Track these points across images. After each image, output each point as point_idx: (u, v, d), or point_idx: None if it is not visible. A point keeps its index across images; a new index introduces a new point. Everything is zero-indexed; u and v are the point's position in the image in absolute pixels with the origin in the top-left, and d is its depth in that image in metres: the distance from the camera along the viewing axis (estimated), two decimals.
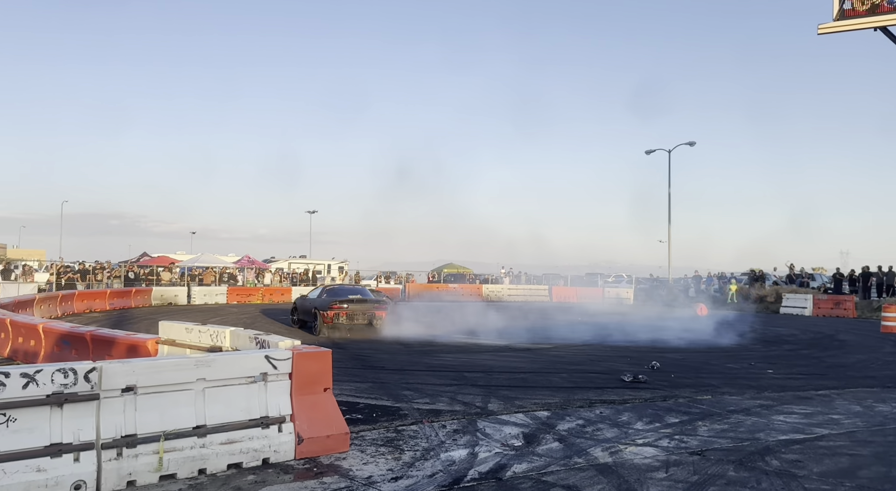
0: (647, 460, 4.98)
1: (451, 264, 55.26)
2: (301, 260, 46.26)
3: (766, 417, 6.60)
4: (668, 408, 7.07)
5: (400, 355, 11.63)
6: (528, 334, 16.06)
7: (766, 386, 8.71)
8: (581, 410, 6.85)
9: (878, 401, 7.66)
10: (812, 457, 5.11)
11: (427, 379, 8.88)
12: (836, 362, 11.75)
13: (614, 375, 9.40)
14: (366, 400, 7.17)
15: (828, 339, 16.22)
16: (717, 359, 11.96)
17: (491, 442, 5.48)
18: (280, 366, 4.89)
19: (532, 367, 10.52)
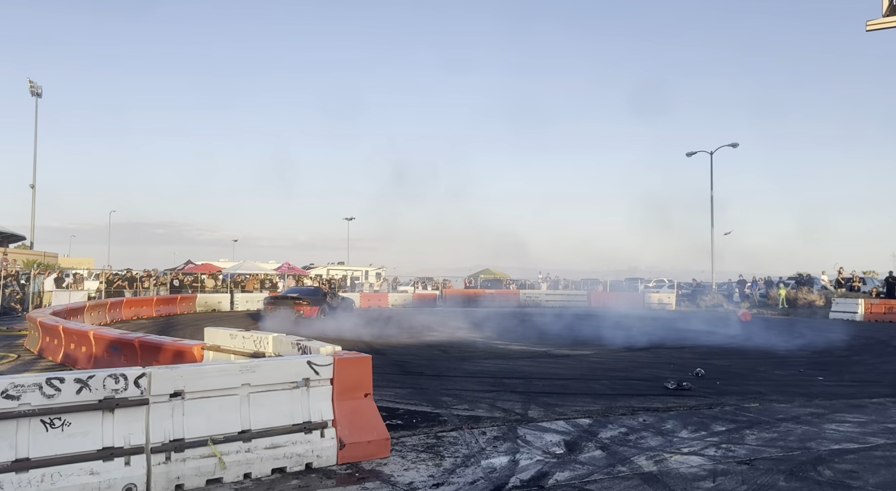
0: (694, 469, 4.87)
1: (487, 270, 55.15)
2: (339, 266, 46.80)
3: (817, 426, 6.38)
4: (714, 416, 6.90)
5: (439, 361, 11.64)
6: (567, 340, 15.89)
7: (816, 394, 8.42)
8: (623, 418, 6.74)
9: None
10: (867, 467, 4.91)
11: (466, 385, 8.86)
12: (890, 369, 11.29)
13: (657, 382, 9.22)
14: (405, 406, 7.20)
15: (881, 344, 15.61)
16: (763, 365, 11.63)
17: (532, 449, 5.43)
18: (322, 371, 4.94)
19: (572, 373, 10.40)
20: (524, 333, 17.98)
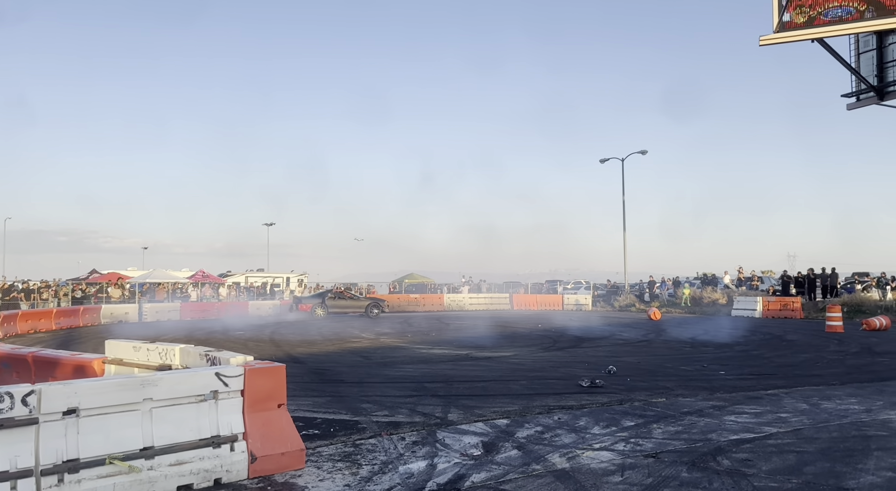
0: (604, 464, 5.04)
1: (412, 275, 55.13)
2: (258, 273, 45.42)
3: (718, 418, 6.76)
4: (625, 411, 7.18)
5: (359, 368, 11.51)
6: (489, 342, 16.11)
7: (718, 387, 8.93)
8: (540, 417, 6.89)
9: (824, 398, 7.93)
10: (761, 455, 5.25)
11: (387, 391, 8.80)
12: (785, 362, 12.14)
13: (572, 380, 9.49)
14: (323, 415, 7.06)
15: (776, 339, 16.76)
16: (671, 362, 12.21)
17: (450, 452, 5.45)
18: (231, 383, 4.77)
19: (492, 375, 10.54)
20: (447, 336, 18.10)
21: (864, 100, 19.92)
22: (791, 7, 15.04)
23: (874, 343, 15.20)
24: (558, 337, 17.68)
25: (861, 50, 19.46)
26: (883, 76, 19.18)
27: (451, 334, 18.86)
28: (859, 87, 19.98)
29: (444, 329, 20.95)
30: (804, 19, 15.13)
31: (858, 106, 20.14)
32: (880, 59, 19.18)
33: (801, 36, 14.99)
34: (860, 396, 8.08)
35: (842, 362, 11.90)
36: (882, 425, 6.34)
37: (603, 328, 21.05)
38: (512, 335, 18.52)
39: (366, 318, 26.44)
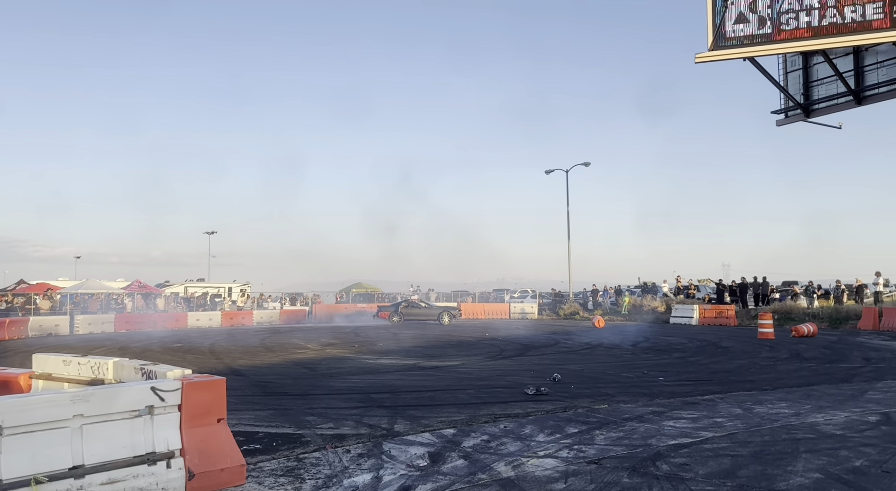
0: (548, 472, 5.10)
1: (359, 284, 54.62)
2: (198, 284, 44.10)
3: (657, 423, 6.94)
4: (569, 418, 7.29)
5: (304, 380, 11.30)
6: (436, 351, 16.11)
7: (657, 393, 9.18)
8: (486, 426, 6.92)
9: (756, 403, 8.27)
10: (698, 460, 5.42)
11: (332, 403, 8.67)
12: (720, 368, 12.60)
13: (518, 388, 9.58)
14: (266, 429, 6.89)
15: (712, 346, 17.39)
16: (613, 369, 12.49)
17: (396, 464, 5.41)
18: (168, 397, 4.60)
19: (439, 384, 10.53)
20: (395, 346, 17.99)
21: (792, 117, 21.03)
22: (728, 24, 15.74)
23: (802, 349, 15.96)
24: (505, 345, 17.83)
25: (789, 69, 20.57)
26: (809, 95, 20.31)
27: (398, 344, 18.76)
28: (787, 105, 21.08)
29: (392, 339, 20.83)
30: (737, 38, 15.87)
31: (787, 122, 21.25)
32: (806, 78, 20.32)
33: (733, 54, 15.72)
34: (790, 400, 8.46)
35: (773, 368, 12.43)
36: (810, 428, 6.65)
37: (548, 336, 21.37)
38: (459, 344, 18.58)
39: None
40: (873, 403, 8.11)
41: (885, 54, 18.62)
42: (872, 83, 19.26)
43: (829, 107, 20.26)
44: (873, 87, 19.25)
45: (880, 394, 8.93)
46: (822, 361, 13.42)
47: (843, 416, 7.28)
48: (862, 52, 19.13)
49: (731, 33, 15.62)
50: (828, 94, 20.18)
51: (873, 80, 19.09)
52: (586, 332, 23.70)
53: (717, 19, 15.66)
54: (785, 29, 15.36)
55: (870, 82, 19.19)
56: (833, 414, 7.39)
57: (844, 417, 7.23)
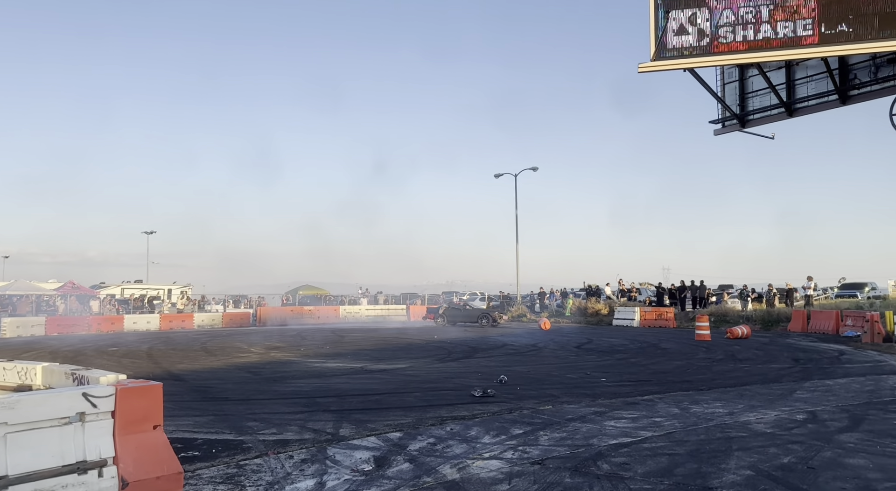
0: (493, 473, 5.14)
1: (307, 286, 53.82)
2: (136, 285, 42.53)
3: (599, 424, 7.10)
4: (514, 420, 7.37)
5: (247, 384, 11.04)
6: (384, 354, 16.02)
7: (599, 394, 9.38)
8: (433, 428, 6.92)
9: (693, 403, 8.56)
10: (637, 459, 5.56)
11: (276, 408, 8.49)
12: (659, 369, 12.98)
13: (465, 390, 9.62)
14: (205, 435, 6.69)
15: (652, 347, 17.91)
16: (558, 370, 12.70)
17: (340, 469, 5.35)
18: (100, 404, 4.41)
19: (386, 387, 10.47)
20: (342, 349, 17.80)
21: (729, 126, 21.92)
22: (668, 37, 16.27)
23: (737, 350, 16.61)
24: (453, 348, 17.89)
25: (726, 81, 21.45)
26: (744, 105, 21.22)
27: (346, 347, 18.57)
28: (725, 115, 21.97)
29: (339, 342, 20.60)
30: (678, 49, 16.44)
31: (724, 132, 22.13)
32: (742, 90, 21.23)
33: (673, 65, 16.26)
34: (724, 400, 8.79)
35: (709, 369, 12.89)
36: (742, 427, 6.93)
37: (496, 339, 21.55)
38: (408, 347, 18.52)
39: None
40: (801, 402, 8.52)
41: (814, 69, 19.64)
42: (802, 96, 20.28)
43: (762, 118, 21.22)
44: (803, 99, 20.26)
45: (807, 393, 9.38)
46: (755, 361, 14.00)
47: (773, 415, 7.61)
48: (793, 66, 20.13)
49: (672, 45, 16.16)
50: (762, 106, 21.14)
51: (803, 93, 20.10)
52: (533, 334, 24.02)
53: (659, 31, 16.17)
54: (722, 42, 16.00)
55: (800, 95, 20.19)
56: (764, 413, 7.72)
57: (774, 415, 7.56)
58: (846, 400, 8.67)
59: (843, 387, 9.95)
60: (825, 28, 15.58)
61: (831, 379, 10.87)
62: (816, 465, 5.28)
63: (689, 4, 16.07)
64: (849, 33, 15.57)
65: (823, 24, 15.58)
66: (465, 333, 24.15)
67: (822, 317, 23.33)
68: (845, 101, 19.53)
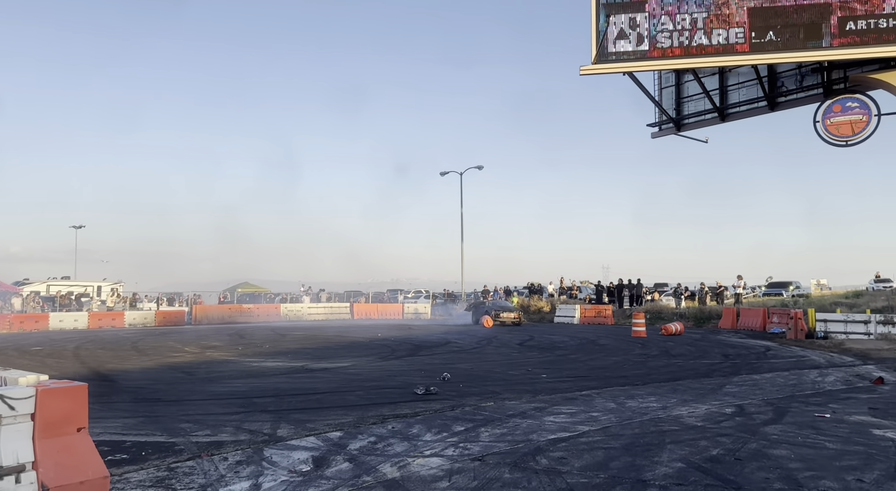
0: (433, 471, 5.12)
1: (246, 283, 52.56)
2: (63, 282, 40.49)
3: (538, 419, 7.20)
4: (456, 417, 7.38)
5: (180, 385, 10.66)
6: (326, 353, 15.79)
7: (540, 390, 9.53)
8: (374, 427, 6.85)
9: (628, 397, 8.79)
10: (575, 453, 5.67)
11: (210, 408, 8.23)
12: (597, 365, 13.30)
13: (408, 388, 9.58)
14: (134, 437, 6.42)
15: (591, 344, 18.34)
16: (500, 367, 12.83)
17: (277, 470, 5.22)
18: (18, 406, 4.15)
19: (328, 386, 10.32)
20: (282, 348, 17.44)
21: (665, 130, 22.64)
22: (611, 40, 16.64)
23: (670, 346, 17.20)
24: (397, 346, 17.81)
25: (663, 85, 22.15)
26: (680, 110, 21.96)
27: (286, 346, 18.21)
28: (662, 119, 22.68)
29: (280, 340, 20.19)
30: (618, 52, 16.84)
31: (661, 135, 22.85)
32: (678, 94, 21.97)
33: (613, 68, 16.65)
34: (658, 394, 9.08)
35: (644, 364, 13.30)
36: (674, 421, 7.16)
37: (440, 336, 21.59)
38: (350, 345, 18.33)
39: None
40: (730, 396, 8.88)
41: (745, 76, 20.51)
42: (734, 102, 21.15)
43: (697, 122, 22.02)
44: (735, 105, 21.14)
45: (736, 387, 9.79)
46: (688, 357, 14.53)
47: (704, 408, 7.91)
48: (726, 72, 20.97)
49: (612, 49, 16.54)
50: (697, 111, 21.93)
51: (735, 99, 20.97)
52: (476, 331, 24.20)
53: (600, 35, 16.53)
54: (660, 47, 16.50)
55: (732, 101, 21.06)
56: (695, 407, 8.01)
57: (705, 409, 7.85)
58: (771, 394, 9.09)
59: (768, 381, 10.44)
60: (755, 37, 16.30)
61: (758, 374, 11.39)
62: (743, 456, 5.50)
63: (628, 9, 16.49)
64: (777, 42, 16.33)
65: (754, 33, 16.29)
66: (410, 332, 24.10)
67: (751, 314, 24.45)
68: (774, 108, 20.48)
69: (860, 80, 18.94)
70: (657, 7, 16.32)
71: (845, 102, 18.78)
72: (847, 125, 18.53)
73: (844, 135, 18.77)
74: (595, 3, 16.69)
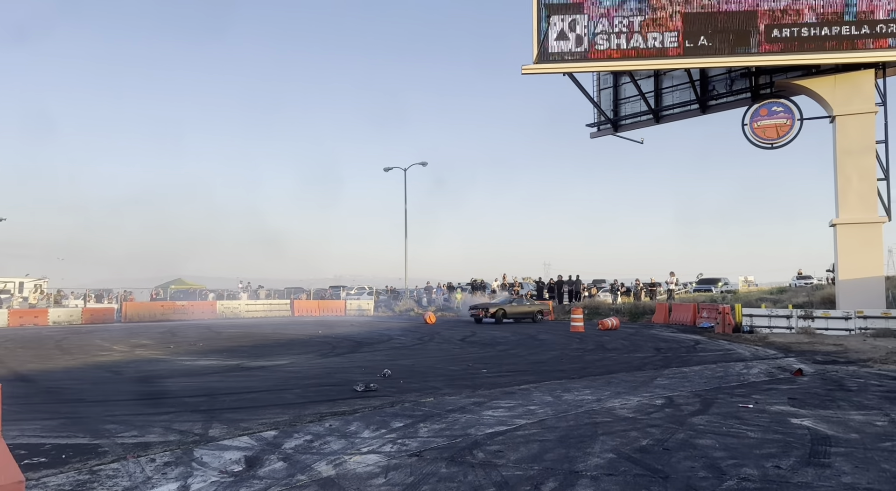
0: (370, 468, 5.08)
1: (179, 280, 50.95)
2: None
3: (477, 414, 7.25)
4: (395, 413, 7.35)
5: (107, 385, 10.21)
6: (264, 351, 15.45)
7: (480, 384, 9.60)
8: (311, 425, 6.74)
9: (565, 391, 8.98)
10: (511, 446, 5.74)
11: (139, 409, 7.91)
12: (536, 359, 13.52)
13: (348, 385, 9.48)
14: (54, 440, 6.09)
15: (531, 339, 18.64)
16: (441, 363, 12.87)
17: (208, 471, 5.06)
18: None
19: (264, 385, 10.09)
20: (217, 346, 16.95)
21: (604, 130, 23.23)
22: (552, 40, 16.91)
23: (606, 341, 17.68)
24: (338, 343, 17.61)
25: (602, 86, 22.70)
26: (618, 111, 22.57)
27: (222, 344, 17.71)
28: (600, 119, 23.25)
29: (215, 338, 19.62)
30: (558, 53, 17.14)
31: (599, 135, 23.42)
32: (616, 96, 22.57)
33: (554, 68, 16.94)
34: (593, 387, 9.31)
35: (581, 358, 13.61)
36: (608, 412, 7.36)
37: (382, 333, 21.48)
38: (290, 343, 18.00)
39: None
40: (660, 389, 9.19)
41: (678, 79, 21.26)
42: (668, 104, 21.88)
43: (634, 123, 22.70)
44: (669, 107, 21.87)
45: (666, 380, 10.15)
46: (622, 351, 14.97)
47: (636, 400, 8.16)
48: (661, 75, 21.68)
49: (553, 49, 16.83)
50: (633, 112, 22.59)
51: (669, 101, 21.70)
52: (419, 328, 24.20)
53: (542, 35, 16.78)
54: (598, 49, 16.89)
55: (666, 103, 21.79)
56: (628, 399, 8.25)
57: (637, 401, 8.10)
58: (699, 385, 9.47)
59: (697, 374, 10.86)
60: (688, 41, 16.90)
61: (687, 366, 11.84)
62: (671, 446, 5.70)
63: (569, 11, 16.80)
64: (709, 47, 16.97)
65: (687, 38, 16.89)
66: (352, 329, 23.87)
67: (682, 309, 25.39)
68: (705, 111, 21.32)
69: (785, 86, 19.95)
70: (595, 9, 16.70)
71: (771, 106, 19.74)
72: (773, 128, 19.49)
73: (770, 138, 19.72)
74: (536, 3, 16.94)
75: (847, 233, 19.86)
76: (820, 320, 18.80)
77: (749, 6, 16.98)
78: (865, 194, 19.60)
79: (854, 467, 4.98)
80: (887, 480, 4.67)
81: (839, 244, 20.03)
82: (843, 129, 19.42)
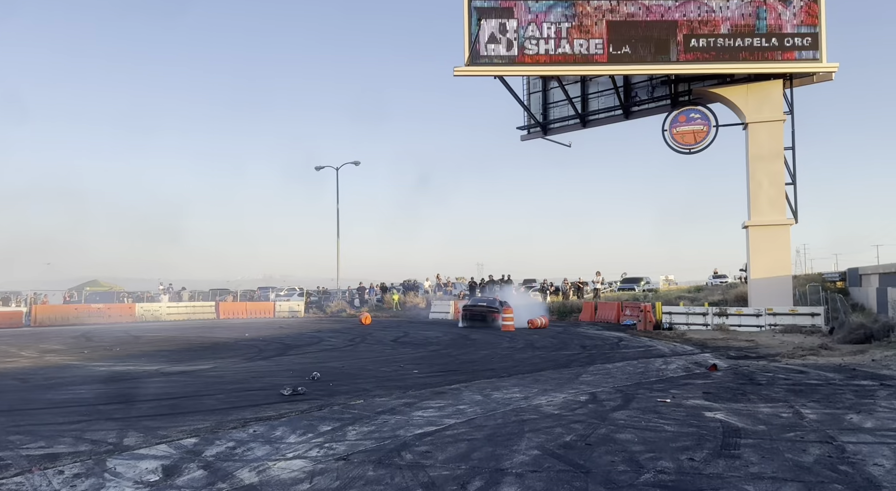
0: (294, 473, 4.98)
1: (95, 281, 48.45)
2: None
3: (407, 415, 7.24)
4: (323, 416, 7.24)
5: (12, 393, 9.57)
6: (186, 355, 14.87)
7: (410, 385, 9.59)
8: (234, 432, 6.53)
9: (494, 389, 9.09)
10: (439, 446, 5.76)
11: (47, 418, 7.45)
12: (467, 359, 13.64)
13: (275, 389, 9.26)
14: None
15: (463, 339, 18.79)
16: (373, 364, 12.77)
17: (122, 481, 4.82)
18: None
19: (185, 390, 9.71)
20: (136, 350, 16.18)
21: (533, 133, 23.70)
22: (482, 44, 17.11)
23: (535, 339, 18.05)
24: (265, 346, 17.16)
25: (532, 90, 23.17)
26: (547, 115, 23.09)
27: (140, 348, 16.92)
28: (530, 122, 23.71)
29: (134, 343, 18.73)
30: (488, 57, 17.36)
31: (529, 138, 23.88)
32: (545, 100, 23.08)
33: (485, 71, 17.16)
34: (522, 385, 9.47)
35: (511, 357, 13.83)
36: (534, 410, 7.50)
37: (312, 335, 21.11)
38: (214, 346, 17.39)
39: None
40: (585, 385, 9.47)
41: (604, 85, 21.97)
42: (594, 109, 22.58)
43: (562, 127, 23.28)
44: (595, 112, 22.57)
45: (591, 376, 10.46)
46: (550, 349, 15.32)
47: (562, 397, 8.36)
48: (587, 81, 22.35)
49: (484, 52, 17.03)
50: (561, 116, 23.17)
51: (595, 106, 22.40)
52: (351, 329, 23.93)
53: (473, 38, 16.95)
54: (528, 54, 17.22)
55: (592, 108, 22.48)
56: (554, 396, 8.45)
57: (562, 398, 8.30)
58: (621, 381, 9.81)
59: (619, 370, 11.25)
60: (613, 49, 17.49)
61: (611, 363, 12.24)
62: (593, 441, 5.88)
63: (499, 14, 17.06)
64: (631, 55, 17.62)
65: (612, 45, 17.47)
66: (281, 331, 23.34)
67: (607, 308, 26.25)
68: (628, 116, 22.12)
69: (702, 94, 20.97)
70: (525, 14, 17.02)
71: (689, 113, 20.71)
72: (690, 134, 20.44)
73: (688, 143, 20.68)
74: (467, 6, 17.09)
75: (758, 234, 21.09)
76: (734, 317, 19.87)
77: (669, 17, 17.76)
78: (775, 198, 20.86)
79: (761, 458, 5.28)
80: (790, 468, 4.98)
81: (751, 245, 21.24)
82: (755, 135, 20.63)
